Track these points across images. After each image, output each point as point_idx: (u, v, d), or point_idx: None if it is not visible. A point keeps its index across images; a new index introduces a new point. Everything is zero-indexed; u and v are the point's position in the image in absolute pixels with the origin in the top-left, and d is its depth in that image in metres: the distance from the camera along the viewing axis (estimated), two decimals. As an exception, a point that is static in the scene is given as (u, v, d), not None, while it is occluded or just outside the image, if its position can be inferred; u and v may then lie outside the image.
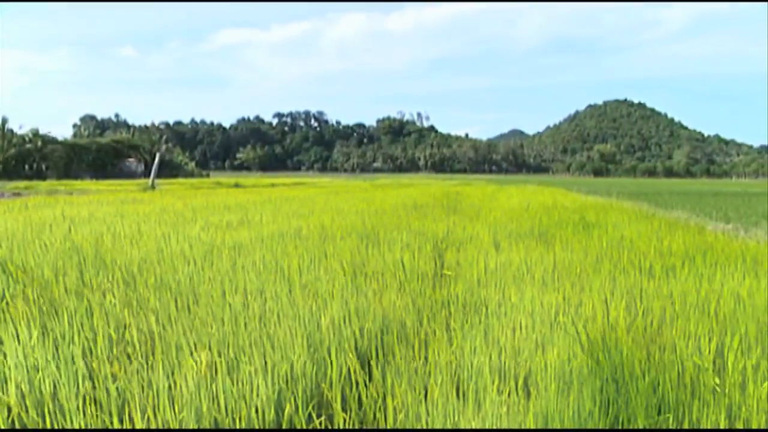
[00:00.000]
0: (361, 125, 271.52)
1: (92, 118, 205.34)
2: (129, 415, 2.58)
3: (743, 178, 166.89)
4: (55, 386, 2.77)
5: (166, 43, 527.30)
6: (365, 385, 2.87)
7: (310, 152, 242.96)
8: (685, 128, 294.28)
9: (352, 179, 79.17)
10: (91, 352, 3.24)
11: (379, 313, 3.98)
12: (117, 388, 2.73)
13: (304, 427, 2.64)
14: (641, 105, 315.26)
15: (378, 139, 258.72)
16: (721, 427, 2.51)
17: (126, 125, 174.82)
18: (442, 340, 3.50)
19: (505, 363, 3.15)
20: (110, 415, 2.57)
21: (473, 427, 2.54)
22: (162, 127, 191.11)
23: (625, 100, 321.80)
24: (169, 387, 2.71)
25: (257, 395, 2.68)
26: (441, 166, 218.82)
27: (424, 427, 2.57)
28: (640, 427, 2.55)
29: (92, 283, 4.85)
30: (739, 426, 2.57)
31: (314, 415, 2.69)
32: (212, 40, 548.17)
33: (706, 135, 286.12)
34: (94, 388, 2.74)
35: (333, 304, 4.02)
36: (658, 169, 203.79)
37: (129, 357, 3.21)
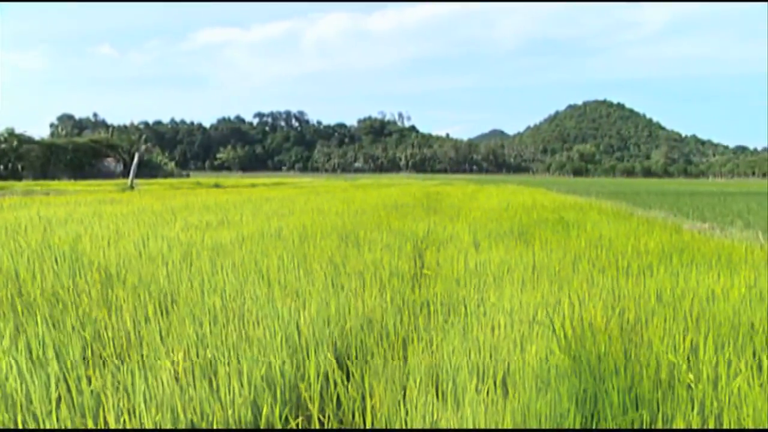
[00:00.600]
0: (342, 125, 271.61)
1: (70, 117, 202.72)
2: (104, 417, 2.54)
3: (719, 178, 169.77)
4: (27, 389, 2.72)
5: (145, 42, 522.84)
6: (344, 385, 2.86)
7: (291, 152, 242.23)
8: (663, 129, 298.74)
9: (332, 179, 79.01)
10: (65, 354, 3.19)
11: (359, 313, 3.98)
12: (92, 391, 2.69)
13: (282, 427, 2.63)
14: (620, 105, 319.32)
15: (359, 139, 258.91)
16: (693, 421, 2.54)
17: (104, 125, 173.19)
18: (421, 339, 3.51)
19: (483, 361, 3.16)
20: (84, 417, 2.54)
21: (451, 427, 2.54)
22: (141, 126, 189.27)
23: (605, 100, 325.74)
24: (145, 389, 2.68)
25: (234, 396, 2.66)
26: (422, 166, 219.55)
27: (403, 427, 2.57)
28: (616, 423, 2.58)
29: (68, 285, 4.78)
30: (711, 422, 2.60)
31: (291, 417, 2.67)
32: (192, 39, 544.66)
33: (683, 135, 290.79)
34: (68, 390, 2.69)
35: (312, 305, 4.01)
36: (636, 169, 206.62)
37: (104, 359, 3.17)
